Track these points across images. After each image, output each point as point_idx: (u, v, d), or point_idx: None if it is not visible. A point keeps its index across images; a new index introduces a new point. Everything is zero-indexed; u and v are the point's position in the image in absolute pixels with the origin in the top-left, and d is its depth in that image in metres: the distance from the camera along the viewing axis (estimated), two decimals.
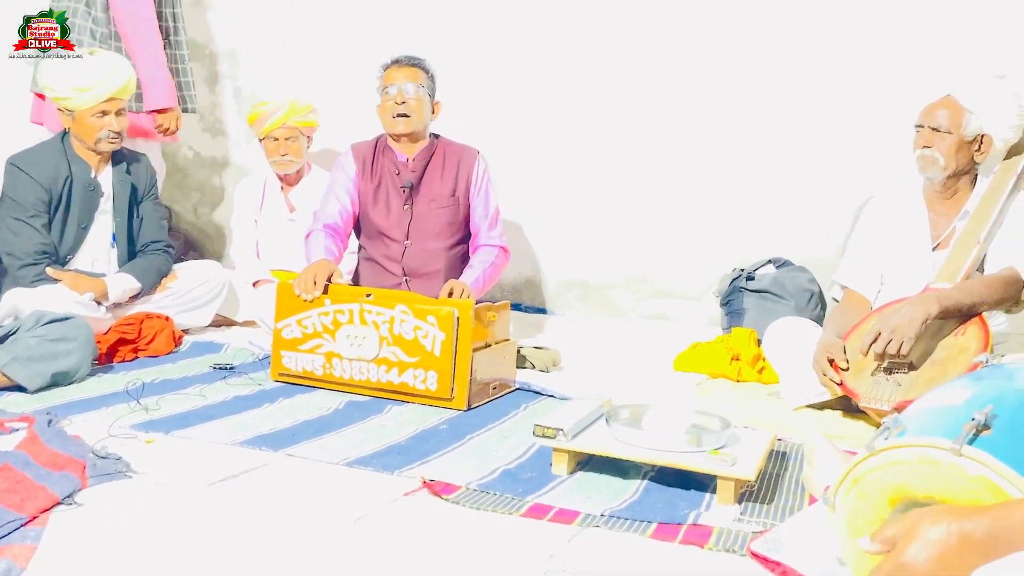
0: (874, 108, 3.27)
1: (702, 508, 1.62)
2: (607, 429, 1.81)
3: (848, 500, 1.02)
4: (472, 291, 2.58)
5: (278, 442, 1.94)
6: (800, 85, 3.41)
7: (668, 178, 3.66)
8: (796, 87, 3.42)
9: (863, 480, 1.01)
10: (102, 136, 2.83)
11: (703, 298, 3.63)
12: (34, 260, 2.75)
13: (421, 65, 2.82)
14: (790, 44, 3.41)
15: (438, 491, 1.66)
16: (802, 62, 3.40)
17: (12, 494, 1.51)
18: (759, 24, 3.46)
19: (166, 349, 2.81)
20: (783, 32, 3.43)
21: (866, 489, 1.00)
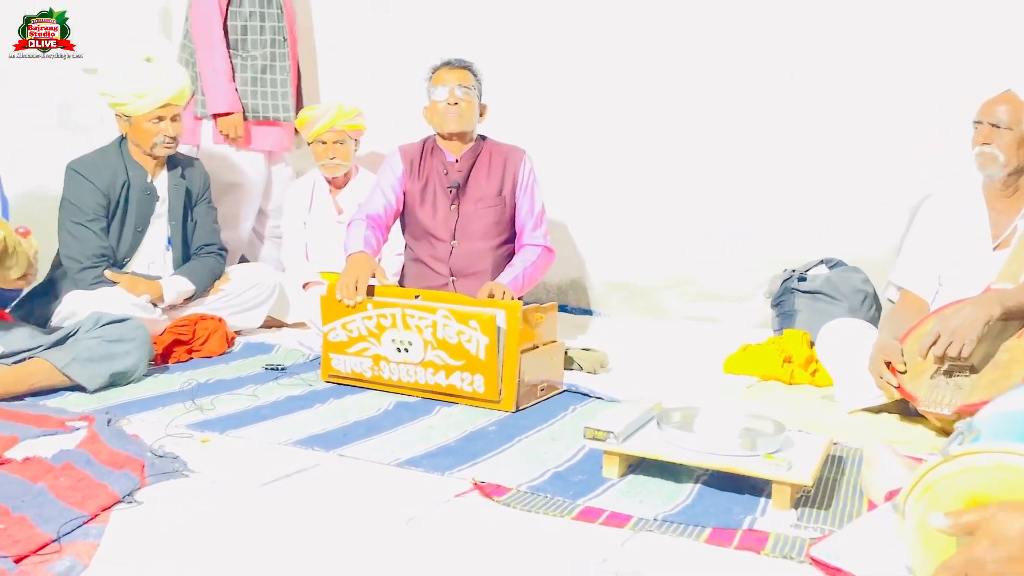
0: (931, 104, 3.19)
1: (757, 513, 1.59)
2: (658, 432, 1.79)
3: (920, 507, 0.99)
4: (510, 291, 2.58)
5: (330, 442, 1.96)
6: (856, 80, 3.34)
7: (715, 178, 3.61)
8: (851, 82, 3.35)
9: (936, 487, 0.98)
10: (158, 141, 2.89)
11: (752, 299, 3.58)
12: (93, 263, 2.82)
13: (470, 67, 2.84)
14: (849, 39, 3.34)
15: (489, 493, 1.66)
16: (863, 58, 3.33)
17: (74, 492, 1.55)
18: (811, 19, 3.40)
19: (219, 350, 2.86)
20: (839, 26, 3.36)
21: (939, 496, 0.97)
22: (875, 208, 3.34)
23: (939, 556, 0.94)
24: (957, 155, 2.66)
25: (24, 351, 2.32)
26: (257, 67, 3.57)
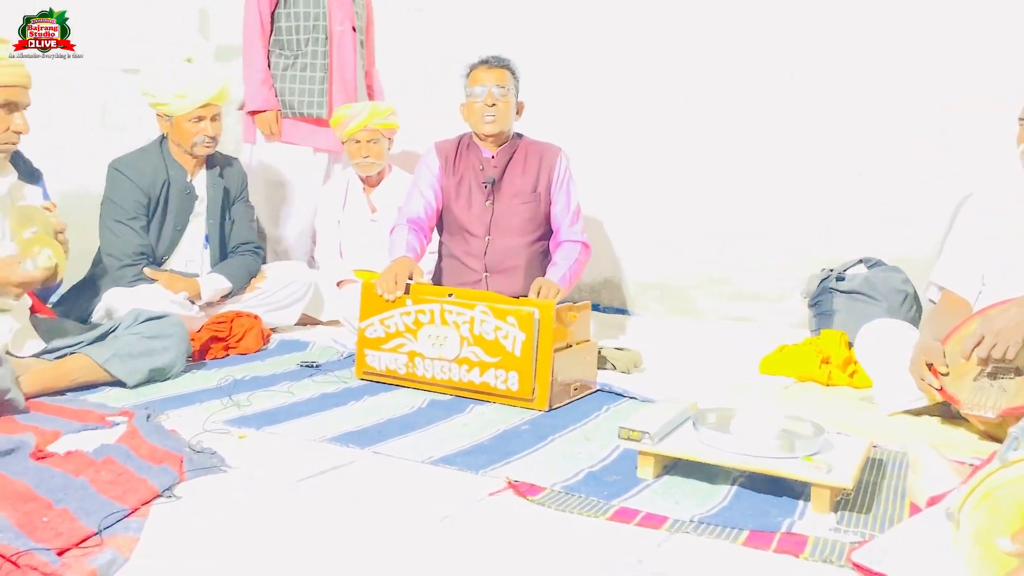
0: (973, 102, 3.13)
1: (796, 516, 1.57)
2: (694, 433, 1.77)
3: (977, 515, 0.96)
4: (560, 288, 2.58)
5: (365, 439, 1.97)
6: (898, 77, 3.29)
7: (752, 175, 3.58)
8: (891, 80, 3.29)
9: (995, 495, 0.95)
10: (198, 140, 2.93)
11: (788, 299, 3.54)
12: (133, 261, 2.87)
13: (508, 66, 2.83)
14: (881, 39, 3.29)
15: (523, 492, 1.66)
16: (902, 55, 3.28)
17: (115, 486, 1.57)
18: (849, 17, 3.35)
19: (255, 347, 2.88)
20: (878, 26, 3.31)
21: (999, 504, 0.94)
22: (915, 206, 3.28)
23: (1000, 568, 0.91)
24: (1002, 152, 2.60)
25: (66, 347, 2.36)
26: (302, 65, 3.63)
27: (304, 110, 3.66)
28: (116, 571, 1.28)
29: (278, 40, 3.66)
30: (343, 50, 3.69)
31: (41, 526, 1.39)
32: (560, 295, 2.53)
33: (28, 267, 2.10)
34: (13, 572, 1.24)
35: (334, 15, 3.64)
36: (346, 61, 3.70)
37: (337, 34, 3.65)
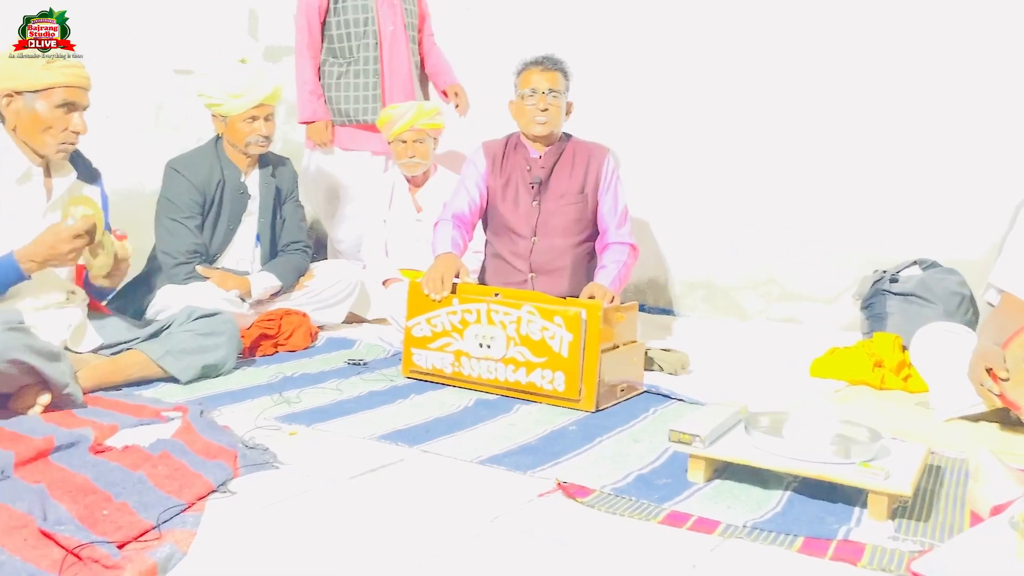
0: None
1: (852, 523, 1.54)
2: (746, 437, 1.75)
3: None
4: (612, 292, 2.56)
5: (413, 438, 1.98)
6: (950, 75, 3.21)
7: (801, 173, 3.52)
8: (945, 76, 3.22)
9: None
10: (251, 140, 2.98)
11: (838, 301, 3.48)
12: (187, 259, 2.92)
13: (560, 67, 2.81)
14: (946, 34, 3.22)
15: (572, 493, 1.65)
16: (954, 53, 3.20)
17: (172, 481, 1.60)
18: (904, 13, 3.28)
19: (303, 344, 2.92)
20: (934, 21, 3.23)
21: None
22: (972, 206, 3.20)
23: None
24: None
25: (121, 343, 2.41)
26: (355, 72, 3.67)
27: (359, 117, 3.69)
28: (175, 565, 1.30)
29: (331, 48, 3.70)
30: (395, 50, 3.70)
31: (102, 519, 1.42)
32: (615, 300, 2.51)
33: (69, 222, 2.14)
34: (76, 564, 1.27)
35: (383, 15, 3.66)
36: (399, 61, 3.71)
37: (388, 34, 3.67)
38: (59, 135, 2.22)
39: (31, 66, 2.17)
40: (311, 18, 3.65)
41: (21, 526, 1.37)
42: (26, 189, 2.26)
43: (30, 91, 2.17)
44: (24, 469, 1.64)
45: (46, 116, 2.19)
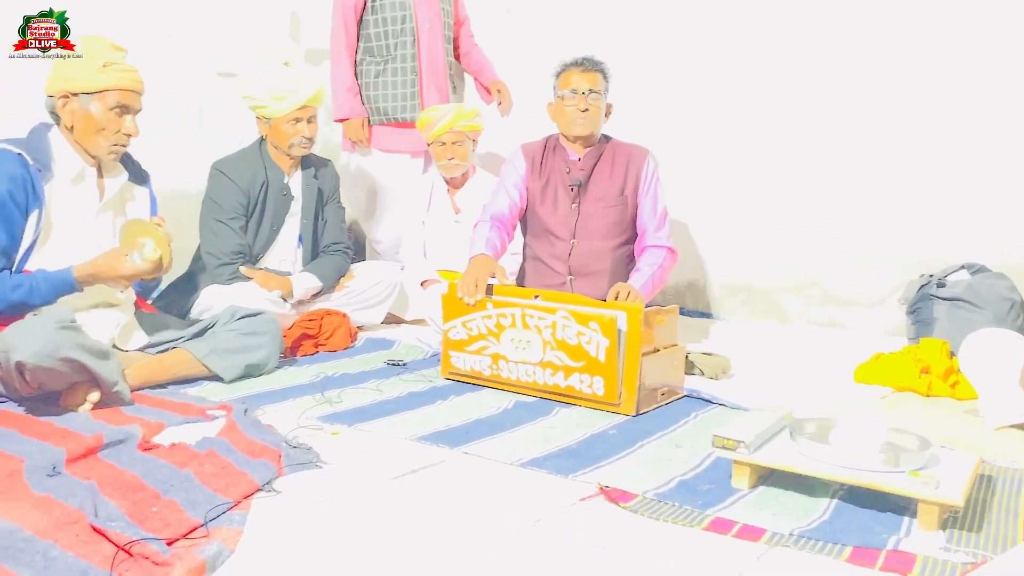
0: None
1: (901, 533, 1.51)
2: (791, 443, 1.72)
3: None
4: (640, 295, 2.54)
5: (454, 439, 1.99)
6: (1001, 75, 3.14)
7: (845, 174, 3.47)
8: (996, 77, 3.14)
9: None
10: (295, 142, 3.01)
11: (883, 305, 3.41)
12: (230, 260, 2.96)
13: (600, 68, 2.80)
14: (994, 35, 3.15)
15: (615, 498, 1.64)
16: (1006, 52, 3.13)
17: (218, 479, 1.62)
18: (952, 13, 3.21)
19: (343, 344, 2.94)
20: (982, 22, 3.16)
21: None
22: (1021, 209, 3.12)
23: None
24: None
25: (167, 342, 2.45)
26: (392, 70, 3.68)
27: (398, 115, 3.70)
28: (223, 563, 1.32)
29: (368, 47, 3.70)
30: (432, 48, 3.71)
31: (151, 516, 1.45)
32: (639, 301, 2.49)
33: (135, 259, 2.19)
34: (127, 560, 1.29)
35: (420, 13, 3.67)
36: (436, 59, 3.72)
37: (425, 32, 3.68)
38: (111, 137, 2.26)
39: (87, 69, 2.22)
40: (347, 17, 3.67)
41: (73, 522, 1.40)
42: (80, 189, 2.31)
43: (85, 93, 2.22)
44: (75, 465, 1.67)
45: (100, 118, 2.24)
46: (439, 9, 3.72)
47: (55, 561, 1.29)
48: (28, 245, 2.19)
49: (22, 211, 2.17)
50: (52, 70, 2.26)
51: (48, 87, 2.26)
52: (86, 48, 2.26)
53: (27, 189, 2.17)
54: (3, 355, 1.96)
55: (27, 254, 2.19)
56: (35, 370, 1.95)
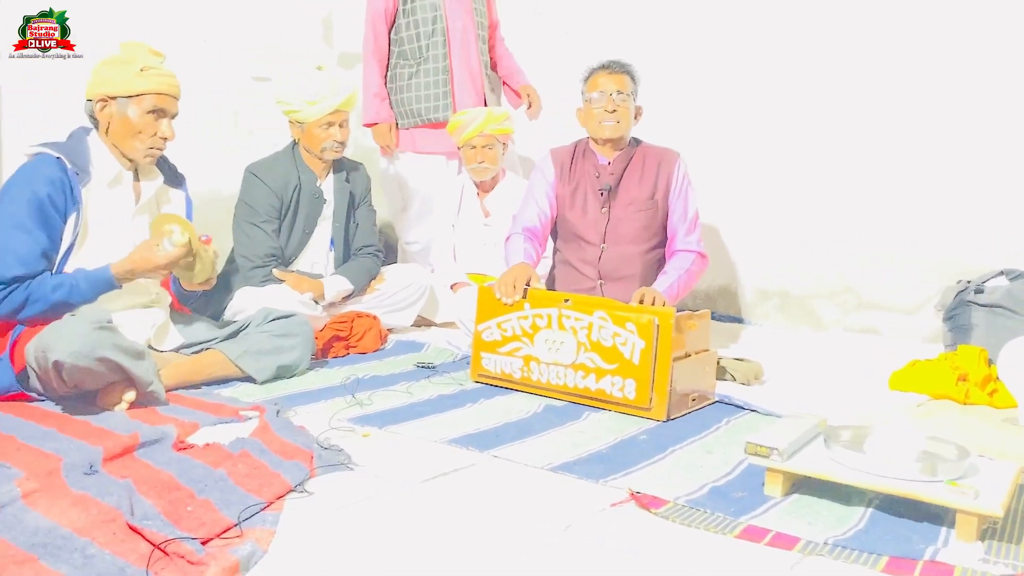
0: None
1: (939, 544, 1.48)
2: (825, 451, 1.70)
3: None
4: (665, 298, 2.52)
5: (483, 442, 1.99)
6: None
7: (880, 178, 3.42)
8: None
9: None
10: (327, 146, 3.04)
11: (919, 312, 3.36)
12: (263, 263, 2.99)
13: (627, 70, 2.79)
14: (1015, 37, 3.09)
15: (646, 504, 1.63)
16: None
17: (251, 479, 1.64)
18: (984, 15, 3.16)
19: (374, 347, 2.96)
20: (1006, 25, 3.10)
21: None
22: None
23: None
24: None
25: (201, 342, 2.48)
26: (425, 71, 3.69)
27: (430, 116, 3.70)
28: (256, 563, 1.33)
29: (401, 51, 3.72)
30: (465, 48, 3.70)
31: (186, 515, 1.46)
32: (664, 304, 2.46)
33: (166, 247, 2.22)
34: (162, 559, 1.31)
35: (451, 13, 3.68)
36: (469, 59, 3.71)
37: (456, 32, 3.67)
38: (148, 140, 2.30)
39: (125, 72, 2.25)
40: (376, 23, 3.69)
41: (110, 520, 1.42)
42: (116, 192, 2.34)
43: (123, 96, 2.26)
44: (111, 464, 1.70)
45: (136, 121, 2.27)
46: (471, 9, 3.71)
47: (92, 559, 1.31)
48: (67, 247, 2.23)
49: (61, 214, 2.21)
50: (92, 75, 2.31)
51: (88, 91, 2.30)
52: (125, 53, 2.30)
53: (66, 192, 2.21)
54: (41, 355, 2.00)
55: (66, 256, 2.23)
56: (72, 370, 1.99)
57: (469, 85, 3.72)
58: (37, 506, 1.46)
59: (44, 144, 2.27)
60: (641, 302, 2.47)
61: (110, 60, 2.30)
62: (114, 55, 2.32)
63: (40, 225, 2.17)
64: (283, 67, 4.05)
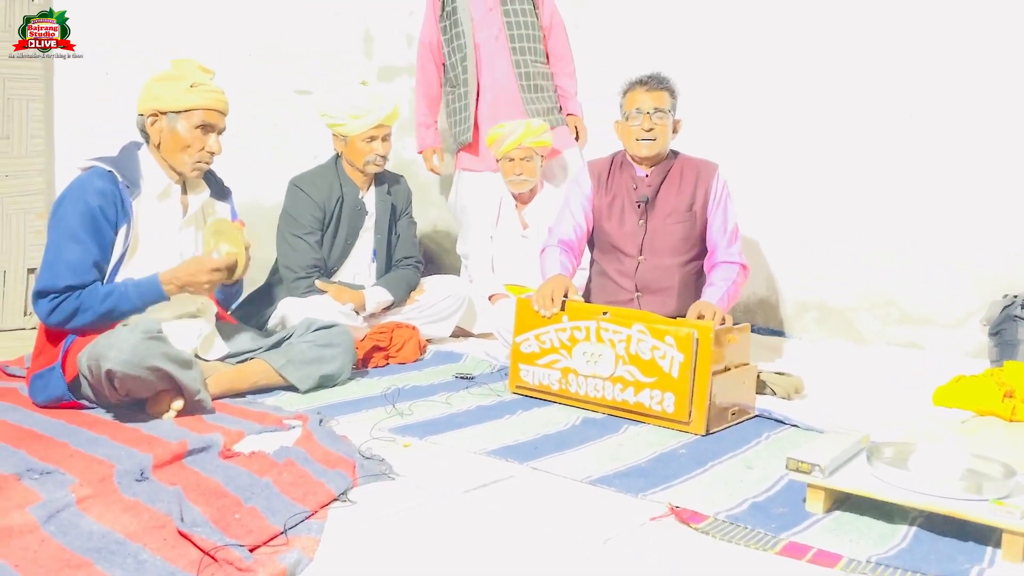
0: None
1: (984, 563, 1.46)
2: (868, 468, 1.69)
3: None
4: (720, 310, 2.52)
5: (523, 454, 2.00)
6: None
7: (923, 188, 3.37)
8: None
9: None
10: (369, 159, 3.09)
11: (964, 326, 3.30)
12: (307, 274, 3.05)
13: (666, 86, 2.78)
14: None
15: (686, 519, 1.63)
16: None
17: (296, 488, 1.67)
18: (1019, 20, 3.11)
19: (413, 357, 2.99)
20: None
21: None
22: None
23: None
24: None
25: (246, 352, 2.53)
26: (461, 94, 3.78)
27: (460, 139, 3.84)
28: (302, 571, 1.36)
29: (448, 78, 3.85)
30: (492, 63, 3.71)
31: (234, 523, 1.50)
32: (725, 319, 2.46)
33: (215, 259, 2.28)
34: (212, 565, 1.34)
35: (477, 29, 3.69)
36: (497, 73, 3.72)
37: (484, 48, 3.70)
38: (196, 154, 2.36)
39: (175, 89, 2.32)
40: (423, 56, 3.85)
41: (161, 526, 1.46)
42: (165, 205, 2.41)
43: (173, 111, 2.33)
44: (161, 471, 1.74)
45: (185, 136, 2.33)
46: (502, 22, 3.69)
47: (144, 564, 1.35)
48: (117, 259, 2.29)
49: (112, 225, 2.27)
50: (143, 91, 2.38)
51: (139, 106, 2.37)
52: (176, 70, 2.37)
53: (116, 205, 2.27)
54: (94, 363, 2.06)
55: (116, 267, 2.29)
56: (124, 378, 2.04)
57: (503, 101, 3.73)
58: (91, 511, 1.51)
59: (96, 158, 2.34)
60: (700, 317, 2.46)
61: (162, 76, 2.37)
62: (165, 72, 2.39)
63: (92, 236, 2.24)
64: (325, 80, 4.12)
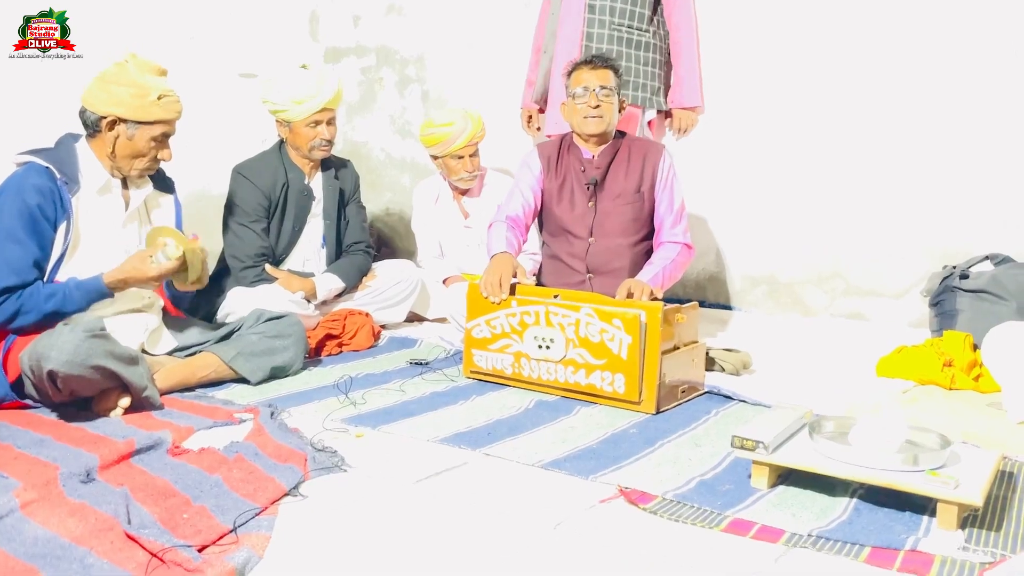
0: None
1: (920, 533, 1.52)
2: (810, 442, 1.73)
3: None
4: (650, 288, 2.54)
5: (475, 441, 2.01)
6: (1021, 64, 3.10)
7: (866, 164, 3.44)
8: (1017, 66, 3.10)
9: None
10: (315, 144, 3.05)
11: (906, 297, 3.40)
12: (254, 262, 3.00)
13: (610, 64, 2.79)
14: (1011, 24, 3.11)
15: (634, 500, 1.66)
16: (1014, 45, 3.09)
17: (246, 484, 1.66)
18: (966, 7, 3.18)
19: (367, 344, 2.98)
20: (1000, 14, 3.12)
21: None
22: None
23: None
24: None
25: (194, 345, 2.50)
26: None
27: None
28: (252, 569, 1.36)
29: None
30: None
31: (182, 523, 1.49)
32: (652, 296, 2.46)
33: (160, 259, 2.25)
34: (160, 568, 1.34)
35: None
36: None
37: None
38: (145, 162, 2.33)
39: (141, 100, 2.28)
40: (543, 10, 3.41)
41: (108, 529, 1.44)
42: (106, 200, 2.36)
43: (135, 121, 2.28)
44: (108, 471, 1.72)
45: (142, 146, 2.31)
46: None
47: (91, 568, 1.33)
48: (58, 256, 2.24)
49: (51, 223, 2.22)
50: (99, 88, 2.29)
51: (94, 105, 2.29)
52: (138, 73, 2.30)
53: (55, 202, 2.22)
54: (36, 364, 2.02)
55: (57, 265, 2.25)
56: (66, 378, 2.01)
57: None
58: (36, 516, 1.49)
59: (32, 151, 2.27)
60: (629, 295, 2.48)
61: (124, 79, 2.28)
62: (124, 73, 2.29)
63: (31, 235, 2.18)
64: (269, 63, 4.05)
